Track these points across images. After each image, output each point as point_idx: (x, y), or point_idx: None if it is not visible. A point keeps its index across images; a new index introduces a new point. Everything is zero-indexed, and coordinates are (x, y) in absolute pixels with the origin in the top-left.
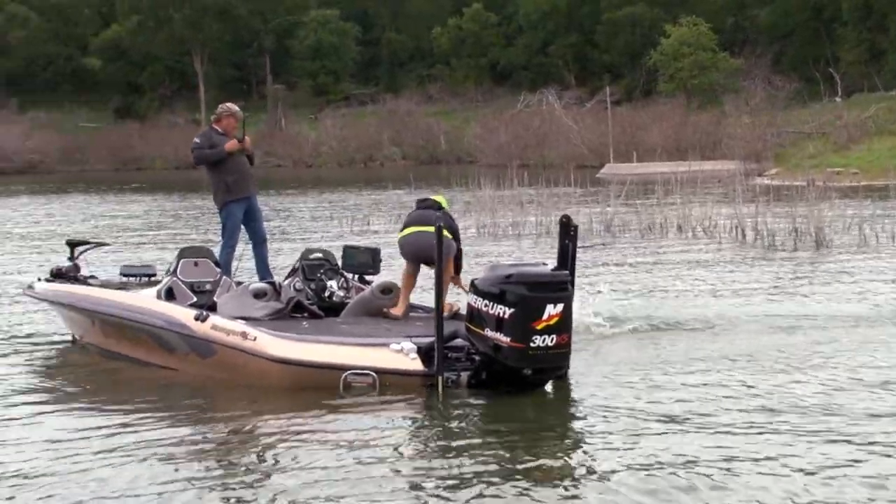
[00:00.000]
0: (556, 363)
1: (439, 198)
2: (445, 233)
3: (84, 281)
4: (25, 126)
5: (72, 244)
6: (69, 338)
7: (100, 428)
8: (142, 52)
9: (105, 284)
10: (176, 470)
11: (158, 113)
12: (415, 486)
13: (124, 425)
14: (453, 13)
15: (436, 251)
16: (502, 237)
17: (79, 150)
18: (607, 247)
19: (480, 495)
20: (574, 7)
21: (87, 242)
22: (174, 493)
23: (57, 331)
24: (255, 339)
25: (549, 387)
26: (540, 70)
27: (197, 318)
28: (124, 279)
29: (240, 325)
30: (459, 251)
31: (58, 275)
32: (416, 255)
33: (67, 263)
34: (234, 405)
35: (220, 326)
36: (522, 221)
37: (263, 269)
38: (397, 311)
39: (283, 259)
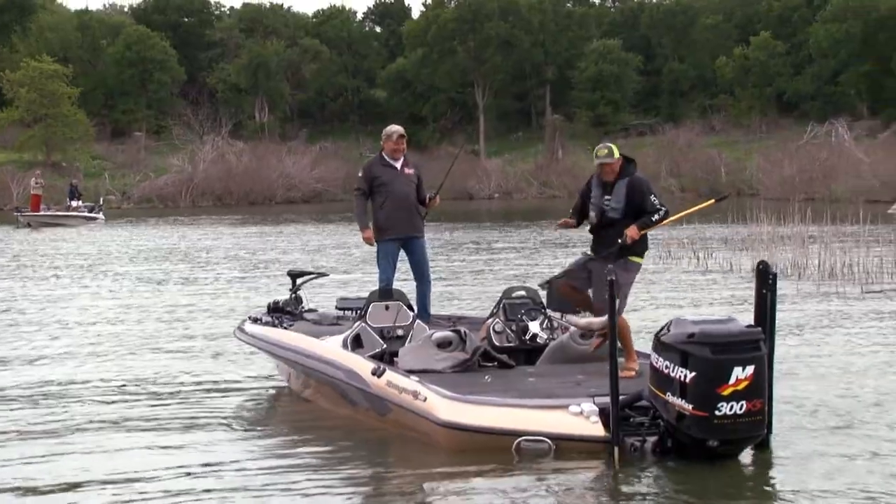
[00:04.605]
0: (746, 433)
1: (613, 145)
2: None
3: (301, 315)
4: (313, 156)
5: (293, 275)
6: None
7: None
8: (426, 84)
9: (321, 319)
10: None
11: (439, 144)
12: None
13: (292, 467)
14: (739, 42)
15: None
16: (779, 278)
17: None
18: None
19: None
20: (869, 34)
21: (308, 273)
22: None
23: (271, 373)
24: (424, 399)
25: (747, 456)
26: (829, 100)
27: (374, 373)
28: (340, 312)
29: (412, 383)
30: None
31: (275, 309)
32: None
33: (286, 297)
34: (406, 461)
35: (395, 383)
36: (804, 262)
37: (421, 309)
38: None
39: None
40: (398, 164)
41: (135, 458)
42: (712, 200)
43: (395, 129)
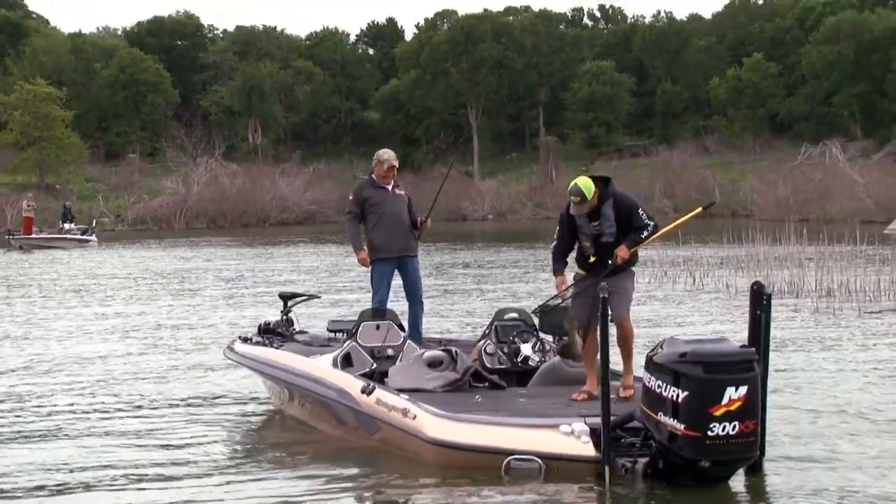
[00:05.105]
0: (738, 454)
1: (584, 183)
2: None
3: (291, 336)
4: (307, 178)
5: (284, 297)
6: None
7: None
8: (419, 106)
9: (312, 340)
10: None
11: (433, 165)
12: None
13: (280, 484)
14: (732, 63)
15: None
16: (776, 299)
17: None
18: None
19: None
20: (862, 55)
21: (300, 295)
22: None
23: (260, 392)
24: (414, 417)
25: (740, 480)
26: (823, 121)
27: (363, 391)
28: (331, 334)
29: (402, 401)
30: (647, 227)
31: (266, 330)
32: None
33: (277, 318)
34: (395, 480)
35: (384, 401)
36: (800, 281)
37: (412, 330)
38: (589, 388)
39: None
40: (389, 186)
41: (121, 474)
42: (700, 209)
43: (388, 157)
